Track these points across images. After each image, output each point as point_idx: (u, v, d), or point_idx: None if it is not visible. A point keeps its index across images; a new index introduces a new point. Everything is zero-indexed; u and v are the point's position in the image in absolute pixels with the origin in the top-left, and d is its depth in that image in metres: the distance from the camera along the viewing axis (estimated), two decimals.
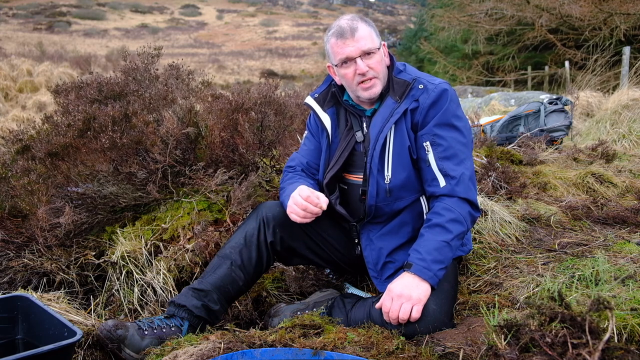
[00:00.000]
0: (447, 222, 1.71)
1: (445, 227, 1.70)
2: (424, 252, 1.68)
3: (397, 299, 1.63)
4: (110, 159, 2.41)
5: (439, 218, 1.72)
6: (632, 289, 1.73)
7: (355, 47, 1.77)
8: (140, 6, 62.94)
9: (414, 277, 1.65)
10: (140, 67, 2.89)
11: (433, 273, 1.65)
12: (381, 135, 1.80)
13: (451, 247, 1.70)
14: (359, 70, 1.78)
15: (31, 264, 2.26)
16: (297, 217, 1.82)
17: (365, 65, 1.77)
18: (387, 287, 1.69)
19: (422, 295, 1.63)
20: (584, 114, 6.78)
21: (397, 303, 1.62)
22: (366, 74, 1.78)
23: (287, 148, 2.88)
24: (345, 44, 1.77)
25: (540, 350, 1.14)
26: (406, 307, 1.61)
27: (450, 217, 1.71)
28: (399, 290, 1.64)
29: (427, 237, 1.71)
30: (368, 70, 1.78)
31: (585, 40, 12.61)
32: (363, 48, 1.77)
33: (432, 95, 1.77)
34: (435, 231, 1.71)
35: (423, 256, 1.67)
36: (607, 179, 3.30)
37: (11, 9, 54.64)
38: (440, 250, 1.68)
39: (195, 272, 2.23)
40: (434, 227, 1.72)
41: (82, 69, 16.15)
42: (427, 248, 1.68)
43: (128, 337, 1.66)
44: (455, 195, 1.75)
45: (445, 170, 1.76)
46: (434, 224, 1.72)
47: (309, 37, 50.09)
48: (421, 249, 1.69)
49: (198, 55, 35.57)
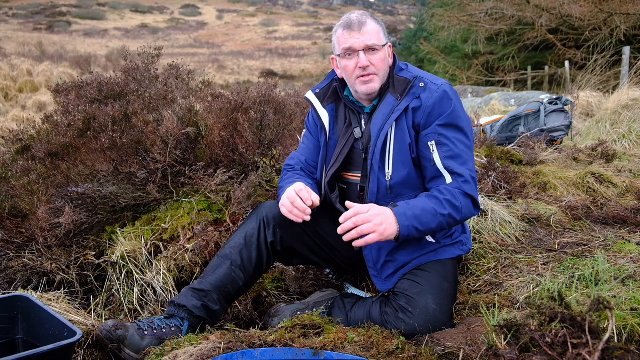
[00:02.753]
0: (445, 200, 1.72)
1: (442, 202, 1.72)
2: (412, 205, 1.70)
3: (372, 216, 1.61)
4: (110, 159, 2.41)
5: (439, 194, 1.74)
6: (632, 289, 1.73)
7: (361, 40, 1.78)
8: (140, 6, 62.93)
9: (393, 216, 1.65)
10: (140, 67, 2.89)
11: (407, 224, 1.65)
12: (382, 132, 1.80)
13: (437, 219, 1.70)
14: (360, 64, 1.79)
15: (31, 264, 2.26)
16: (286, 211, 1.81)
17: (367, 60, 1.78)
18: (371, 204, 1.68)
19: (387, 232, 1.62)
20: (584, 114, 6.78)
21: (369, 218, 1.60)
22: (367, 69, 1.79)
23: (287, 147, 2.88)
24: (352, 35, 1.79)
25: (540, 350, 1.14)
26: (369, 227, 1.60)
27: (449, 198, 1.73)
28: (379, 214, 1.62)
29: (421, 199, 1.74)
30: (369, 66, 1.79)
31: (585, 40, 12.60)
32: (368, 42, 1.78)
33: (435, 95, 1.78)
34: (430, 199, 1.73)
35: (410, 207, 1.69)
36: (607, 179, 3.30)
37: (11, 9, 54.63)
38: (426, 212, 1.68)
39: (195, 272, 2.23)
40: (432, 197, 1.74)
41: (82, 69, 16.15)
42: (416, 204, 1.70)
43: (128, 337, 1.66)
44: (462, 190, 1.76)
45: (452, 168, 1.77)
46: (432, 195, 1.74)
47: (309, 37, 50.08)
48: (412, 202, 1.72)
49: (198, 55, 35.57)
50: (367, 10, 1.91)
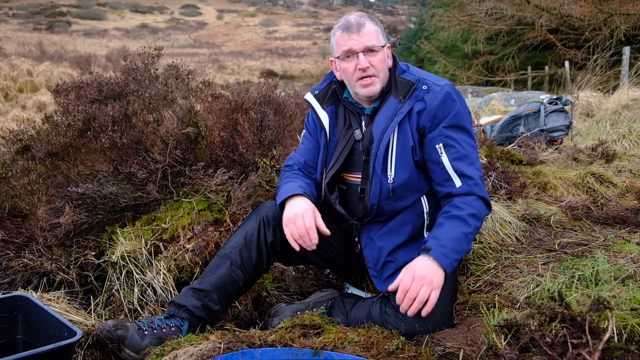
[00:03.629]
0: (467, 215, 1.69)
1: (465, 220, 1.68)
2: (443, 239, 1.64)
3: (419, 280, 1.55)
4: (110, 159, 2.41)
5: (458, 211, 1.70)
6: (632, 289, 1.73)
7: (360, 41, 1.77)
8: (140, 6, 62.93)
9: (433, 262, 1.59)
10: (140, 67, 2.89)
11: (450, 262, 1.61)
12: (385, 134, 1.79)
13: (468, 240, 1.68)
14: (359, 65, 1.78)
15: (31, 264, 2.26)
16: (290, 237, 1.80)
17: (366, 61, 1.77)
18: (407, 266, 1.62)
19: (440, 281, 1.58)
20: (584, 114, 6.77)
21: (418, 284, 1.55)
22: (366, 70, 1.78)
23: (286, 148, 2.88)
24: (350, 37, 1.78)
25: (540, 350, 1.14)
26: (425, 290, 1.55)
27: (469, 212, 1.70)
28: (422, 271, 1.57)
29: (447, 227, 1.68)
30: (369, 67, 1.78)
31: (585, 40, 12.61)
32: (367, 44, 1.77)
33: (439, 96, 1.77)
34: (455, 222, 1.69)
35: (443, 243, 1.63)
36: (607, 179, 3.30)
37: (11, 9, 54.63)
38: (459, 240, 1.65)
39: (195, 272, 2.23)
40: (454, 218, 1.70)
41: (82, 69, 16.15)
42: (446, 236, 1.65)
43: (128, 337, 1.66)
44: (474, 194, 1.75)
45: (461, 170, 1.75)
46: (454, 216, 1.70)
47: (309, 37, 50.07)
48: (441, 236, 1.65)
49: (198, 55, 35.57)
50: (367, 10, 1.92)
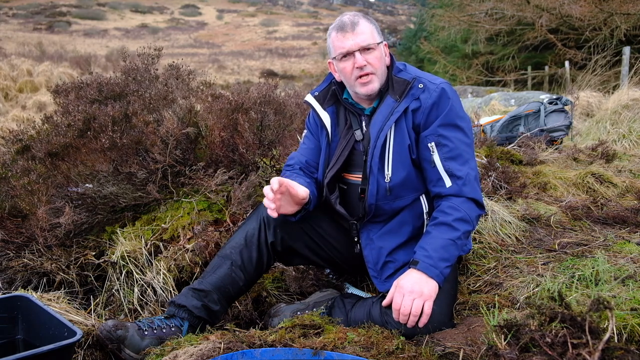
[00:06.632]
0: (453, 220, 1.70)
1: (452, 226, 1.70)
2: (430, 250, 1.66)
3: (409, 295, 1.61)
4: (110, 159, 2.41)
5: (445, 217, 1.72)
6: (632, 289, 1.73)
7: (355, 41, 1.78)
8: (140, 6, 62.92)
9: (421, 275, 1.63)
10: (140, 68, 2.89)
11: (439, 271, 1.64)
12: (381, 133, 1.80)
13: (457, 245, 1.70)
14: (357, 64, 1.78)
15: (31, 264, 2.26)
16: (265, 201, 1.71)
17: (363, 59, 1.78)
18: (394, 284, 1.67)
19: (432, 291, 1.62)
20: (584, 114, 6.78)
21: (409, 299, 1.60)
22: (364, 68, 1.78)
23: (287, 148, 2.88)
24: (345, 37, 1.79)
25: (540, 350, 1.14)
26: (418, 303, 1.60)
27: (457, 216, 1.71)
28: (409, 286, 1.62)
29: (434, 235, 1.70)
30: (366, 65, 1.78)
31: (585, 40, 12.60)
32: (362, 43, 1.78)
33: (433, 95, 1.77)
34: (441, 229, 1.70)
35: (429, 253, 1.66)
36: (607, 179, 3.30)
37: (11, 9, 54.62)
38: (446, 248, 1.67)
39: (195, 272, 2.23)
40: (441, 225, 1.71)
41: (82, 69, 16.16)
42: (433, 245, 1.67)
43: (128, 337, 1.66)
44: (463, 195, 1.75)
45: (452, 170, 1.76)
46: (441, 222, 1.72)
47: (309, 37, 50.06)
48: (427, 246, 1.68)
49: (198, 55, 35.56)
50: (366, 10, 1.93)
